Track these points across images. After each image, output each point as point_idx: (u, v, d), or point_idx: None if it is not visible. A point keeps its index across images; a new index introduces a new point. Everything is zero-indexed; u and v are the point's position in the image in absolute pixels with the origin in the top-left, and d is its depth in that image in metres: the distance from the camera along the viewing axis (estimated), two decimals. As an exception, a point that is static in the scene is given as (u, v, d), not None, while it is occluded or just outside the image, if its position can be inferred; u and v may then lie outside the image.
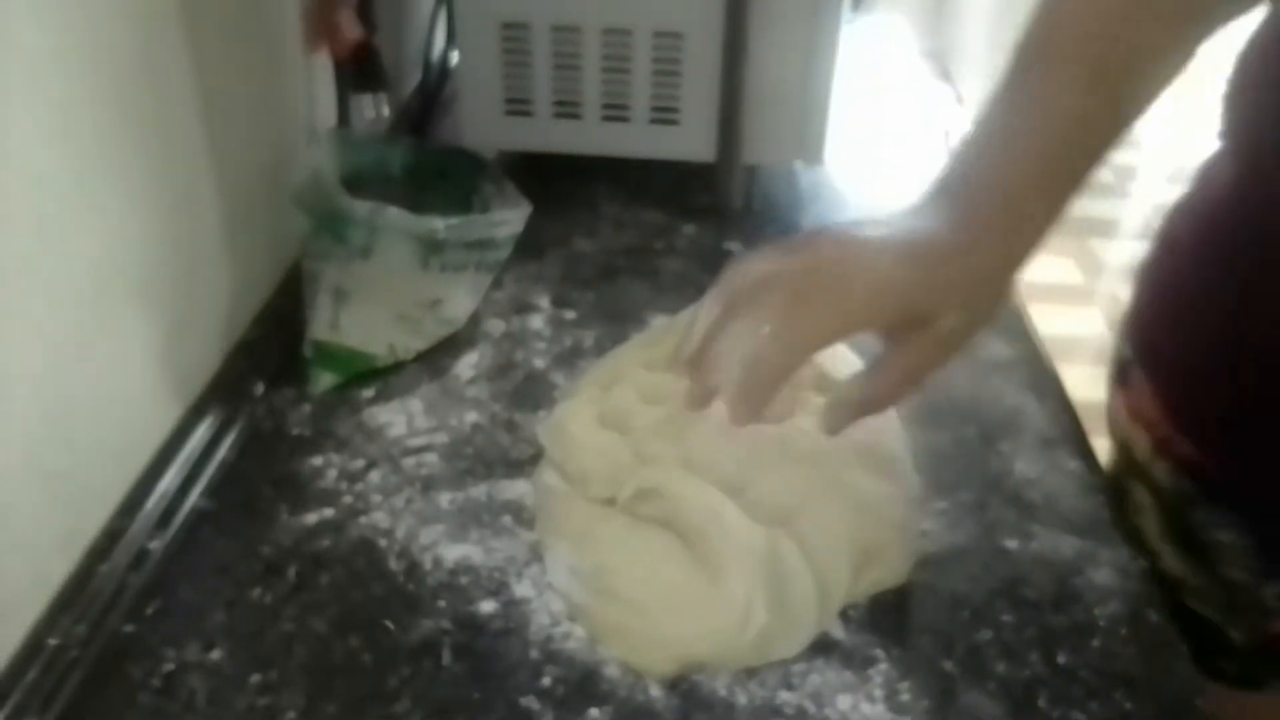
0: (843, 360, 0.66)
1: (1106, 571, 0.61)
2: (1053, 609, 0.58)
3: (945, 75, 3.78)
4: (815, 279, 0.49)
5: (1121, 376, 0.77)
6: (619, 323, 0.81)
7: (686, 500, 0.55)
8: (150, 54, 0.62)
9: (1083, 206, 0.56)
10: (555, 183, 0.99)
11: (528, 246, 0.87)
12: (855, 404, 0.53)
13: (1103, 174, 0.61)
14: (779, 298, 0.49)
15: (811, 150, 0.96)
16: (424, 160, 0.84)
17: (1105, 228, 3.08)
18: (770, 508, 0.56)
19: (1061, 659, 0.56)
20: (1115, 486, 0.75)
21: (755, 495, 0.56)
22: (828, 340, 0.50)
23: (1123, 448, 0.77)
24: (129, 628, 0.56)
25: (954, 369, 0.77)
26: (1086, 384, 0.88)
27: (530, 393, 0.74)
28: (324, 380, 0.73)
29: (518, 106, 0.97)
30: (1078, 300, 2.73)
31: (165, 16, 0.64)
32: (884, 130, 1.18)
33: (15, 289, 0.51)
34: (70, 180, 0.55)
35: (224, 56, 0.72)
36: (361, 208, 0.71)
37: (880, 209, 0.99)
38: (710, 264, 0.91)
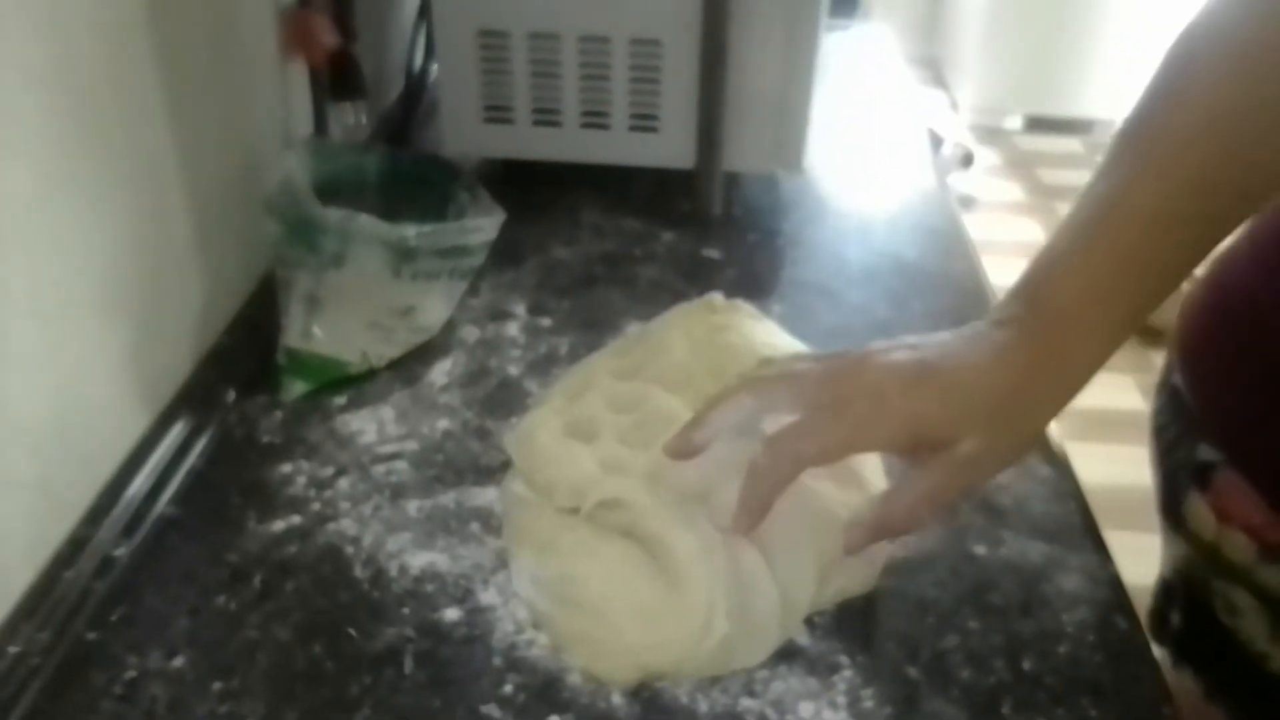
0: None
1: (1075, 577, 0.61)
2: (1020, 615, 0.58)
3: (940, 82, 3.80)
4: (828, 396, 0.51)
5: (1202, 480, 0.70)
6: (595, 330, 0.81)
7: (647, 510, 0.55)
8: (119, 65, 0.63)
9: (1054, 176, 0.57)
10: (535, 190, 1.00)
11: (505, 254, 0.87)
12: (871, 526, 0.51)
13: (1073, 145, 0.61)
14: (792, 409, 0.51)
15: (791, 158, 0.96)
16: (399, 168, 0.84)
17: (1076, 194, 3.08)
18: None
19: (1027, 665, 0.55)
20: (1193, 583, 0.74)
21: (718, 502, 0.55)
22: (830, 459, 0.52)
23: (1209, 549, 0.71)
24: (92, 635, 0.56)
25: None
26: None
27: (503, 400, 0.74)
28: (296, 388, 0.73)
29: (497, 114, 0.98)
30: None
31: (134, 27, 0.64)
32: (867, 138, 1.18)
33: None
34: (33, 193, 0.56)
35: (195, 66, 0.72)
36: (333, 215, 0.71)
37: (859, 216, 1.00)
38: (688, 271, 0.91)
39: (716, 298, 0.70)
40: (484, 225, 0.79)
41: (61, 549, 0.59)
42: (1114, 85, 3.28)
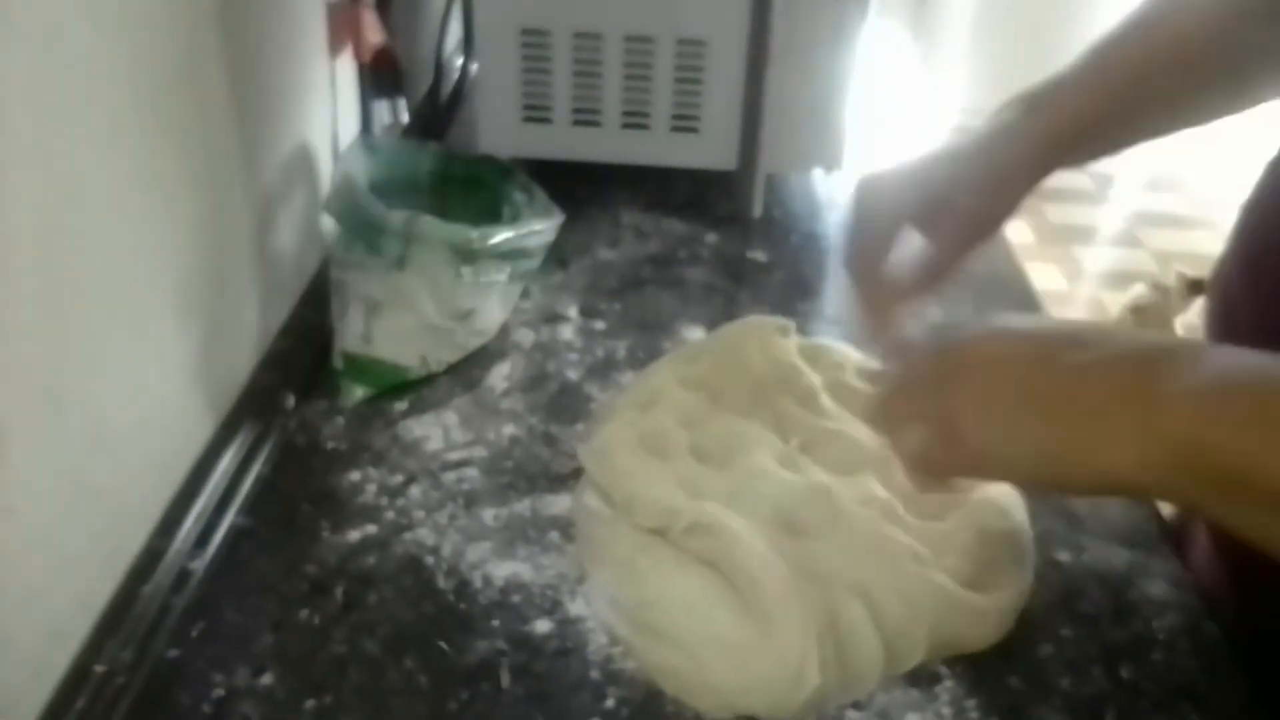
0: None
1: (1160, 584, 0.61)
2: (1111, 622, 0.58)
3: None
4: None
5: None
6: (650, 333, 0.81)
7: (742, 544, 0.53)
8: (193, 60, 0.61)
9: (1063, 213, 0.60)
10: (573, 191, 0.98)
11: (552, 256, 0.86)
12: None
13: (1082, 181, 0.62)
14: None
15: (832, 156, 0.96)
16: (451, 168, 0.83)
17: (1085, 234, 3.11)
18: (831, 564, 0.54)
19: (1124, 673, 0.55)
20: None
21: (816, 547, 0.54)
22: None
23: None
24: (174, 652, 0.54)
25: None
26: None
27: (566, 405, 0.73)
28: (356, 393, 0.72)
29: (536, 113, 0.96)
30: (1060, 304, 2.76)
31: (206, 22, 0.63)
32: (894, 135, 1.17)
33: (60, 300, 0.49)
34: (116, 191, 0.54)
35: (253, 62, 0.70)
36: (396, 217, 0.70)
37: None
38: (735, 274, 0.90)
39: (789, 324, 0.69)
40: (543, 227, 0.78)
41: (138, 561, 0.57)
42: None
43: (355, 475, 0.66)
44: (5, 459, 0.45)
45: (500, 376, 0.76)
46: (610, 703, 0.52)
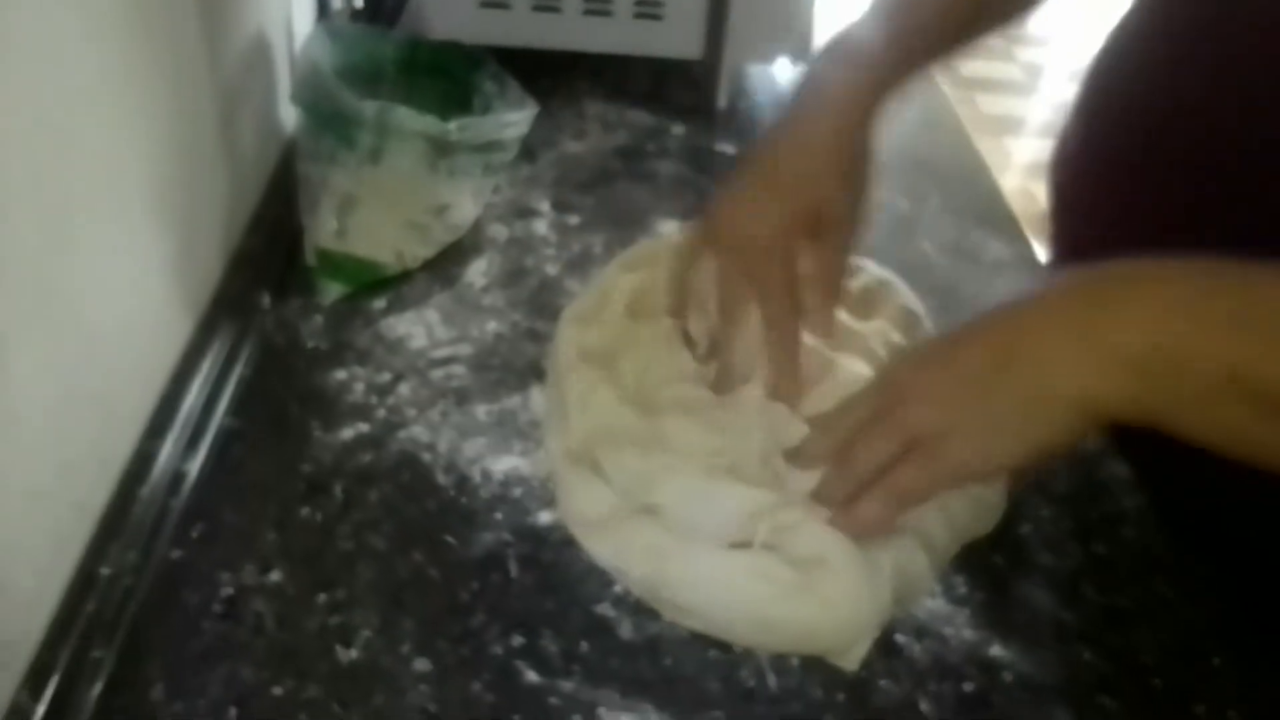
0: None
1: (1127, 464, 0.64)
2: (1085, 500, 0.61)
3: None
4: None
5: None
6: (625, 228, 0.80)
7: (807, 527, 0.50)
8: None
9: (993, 104, 0.62)
10: (534, 80, 0.95)
11: (519, 150, 0.84)
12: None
13: (1012, 72, 0.65)
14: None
15: (799, 45, 0.95)
16: (418, 56, 0.80)
17: (1015, 125, 3.15)
18: None
19: (1098, 548, 0.59)
20: None
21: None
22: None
23: None
24: (177, 554, 0.54)
25: (960, 271, 0.79)
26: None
27: (548, 302, 0.72)
28: (333, 290, 0.70)
29: (494, -2, 0.93)
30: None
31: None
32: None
33: (47, 201, 0.47)
34: (95, 86, 0.51)
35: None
36: (369, 108, 0.67)
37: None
38: (706, 167, 0.90)
39: None
40: (518, 119, 0.76)
41: (131, 465, 0.56)
42: None
43: (341, 374, 0.65)
44: (6, 367, 0.44)
45: (478, 273, 0.75)
46: (619, 588, 0.54)
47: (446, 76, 0.80)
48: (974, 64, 3.41)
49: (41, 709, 0.45)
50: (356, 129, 0.68)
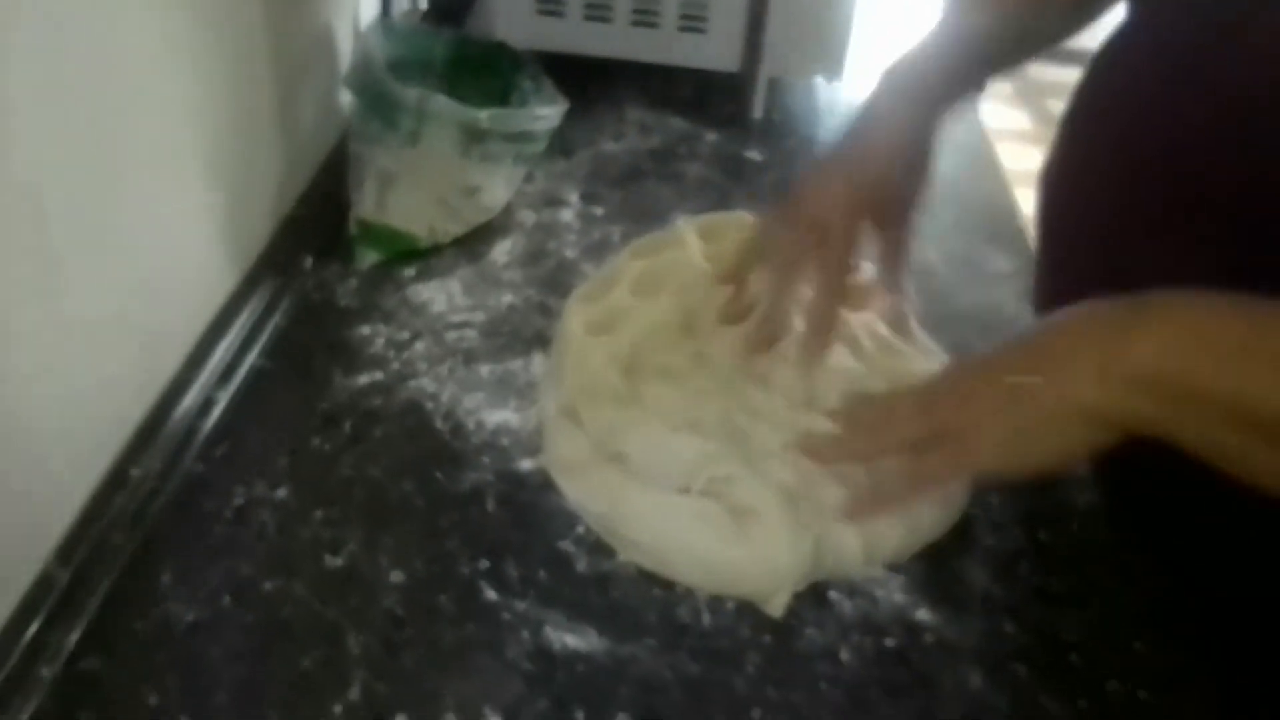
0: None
1: (1087, 464, 0.67)
2: (1037, 492, 0.64)
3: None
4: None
5: None
6: (645, 221, 0.86)
7: (746, 480, 0.56)
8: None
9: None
10: (582, 85, 1.02)
11: (557, 145, 0.91)
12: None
13: None
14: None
15: (833, 65, 1.00)
16: (465, 52, 0.88)
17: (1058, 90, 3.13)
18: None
19: (1041, 535, 0.62)
20: None
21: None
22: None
23: None
24: (200, 467, 0.61)
25: (961, 280, 0.83)
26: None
27: (562, 280, 0.79)
28: (369, 257, 0.78)
29: (550, 6, 1.00)
30: (1023, 141, 2.87)
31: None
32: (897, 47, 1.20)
33: (106, 145, 0.55)
34: (159, 52, 0.59)
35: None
36: (411, 94, 0.75)
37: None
38: (732, 171, 0.95)
39: (745, 216, 0.75)
40: (549, 114, 0.82)
41: (168, 388, 0.64)
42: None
43: (366, 330, 0.72)
44: (62, 284, 0.52)
45: (503, 251, 0.81)
46: (581, 529, 0.59)
47: (490, 73, 0.87)
48: (1062, 102, 3.38)
49: (67, 577, 0.53)
50: (398, 113, 0.76)
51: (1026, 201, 0.91)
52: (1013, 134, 3.21)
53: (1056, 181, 0.74)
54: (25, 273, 0.49)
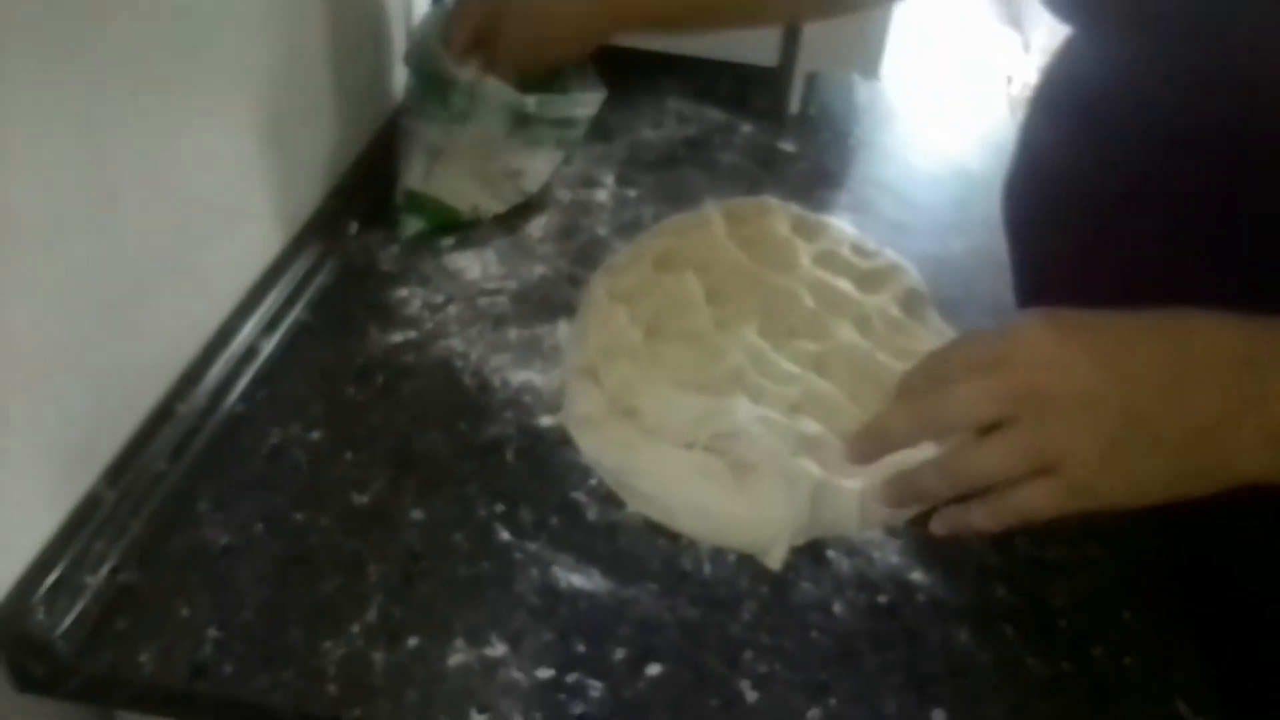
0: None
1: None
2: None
3: (1014, 21, 3.76)
4: None
5: None
6: (676, 204, 0.89)
7: (751, 443, 0.59)
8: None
9: None
10: (625, 76, 1.06)
11: (597, 129, 0.94)
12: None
13: None
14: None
15: (869, 62, 1.02)
16: (512, 39, 0.91)
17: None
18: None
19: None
20: None
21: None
22: None
23: None
24: (241, 408, 0.65)
25: (983, 271, 0.84)
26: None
27: (593, 255, 0.82)
28: (413, 225, 0.82)
29: (598, 0, 1.04)
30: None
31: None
32: (943, 57, 1.23)
33: (165, 98, 0.59)
34: (224, 12, 0.64)
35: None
36: (465, 75, 0.79)
37: (928, 125, 1.06)
38: (764, 161, 0.98)
39: (771, 201, 0.77)
40: (590, 100, 0.86)
41: (216, 334, 0.68)
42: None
43: (403, 292, 0.76)
44: (119, 219, 0.56)
45: (538, 226, 0.85)
46: (594, 482, 0.62)
47: (535, 58, 0.90)
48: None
49: (113, 497, 0.57)
50: (452, 92, 0.79)
51: None
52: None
53: (1021, 190, 0.71)
54: (82, 204, 0.53)
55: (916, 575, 0.59)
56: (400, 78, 0.93)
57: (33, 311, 0.51)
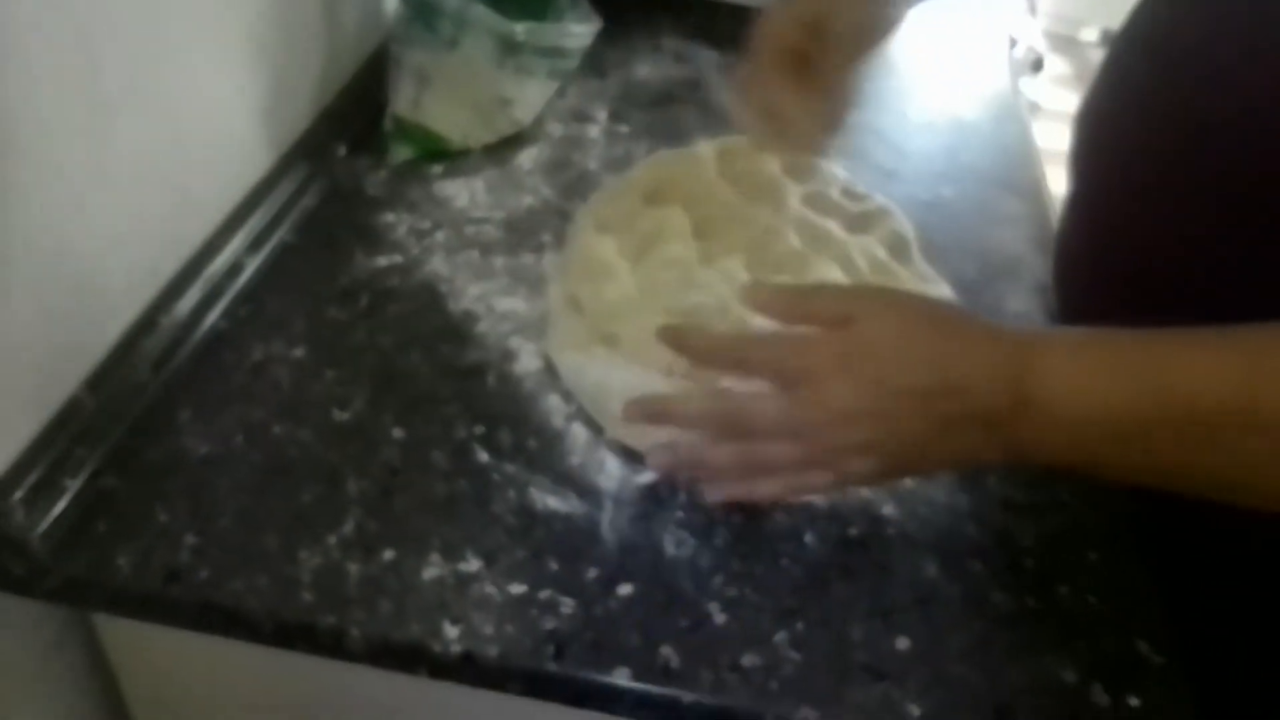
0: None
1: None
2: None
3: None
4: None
5: None
6: (668, 141, 0.88)
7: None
8: None
9: None
10: (622, 13, 1.05)
11: (591, 65, 0.94)
12: None
13: None
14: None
15: (868, 9, 1.01)
16: (506, -34, 0.90)
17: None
18: None
19: (1015, 452, 0.64)
20: None
21: None
22: None
23: None
24: (224, 324, 0.66)
25: (970, 218, 0.85)
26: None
27: (582, 188, 0.82)
28: (401, 153, 0.81)
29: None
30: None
31: None
32: (946, 13, 1.21)
33: (160, 16, 0.59)
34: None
35: None
36: (452, 2, 0.78)
37: (924, 76, 1.05)
38: (759, 102, 0.97)
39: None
40: (582, 31, 0.85)
41: (200, 249, 0.68)
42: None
43: (390, 217, 0.76)
44: (112, 133, 0.56)
45: (528, 158, 0.85)
46: (573, 407, 0.63)
47: (529, -12, 0.90)
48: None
49: (94, 404, 0.57)
50: (439, 17, 0.79)
51: (1058, 180, 0.92)
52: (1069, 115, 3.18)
53: (1093, 122, 0.74)
54: (77, 111, 0.53)
55: (888, 510, 0.60)
56: (392, 2, 0.92)
57: (20, 216, 0.51)
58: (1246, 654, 0.59)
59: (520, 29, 0.80)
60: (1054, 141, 1.02)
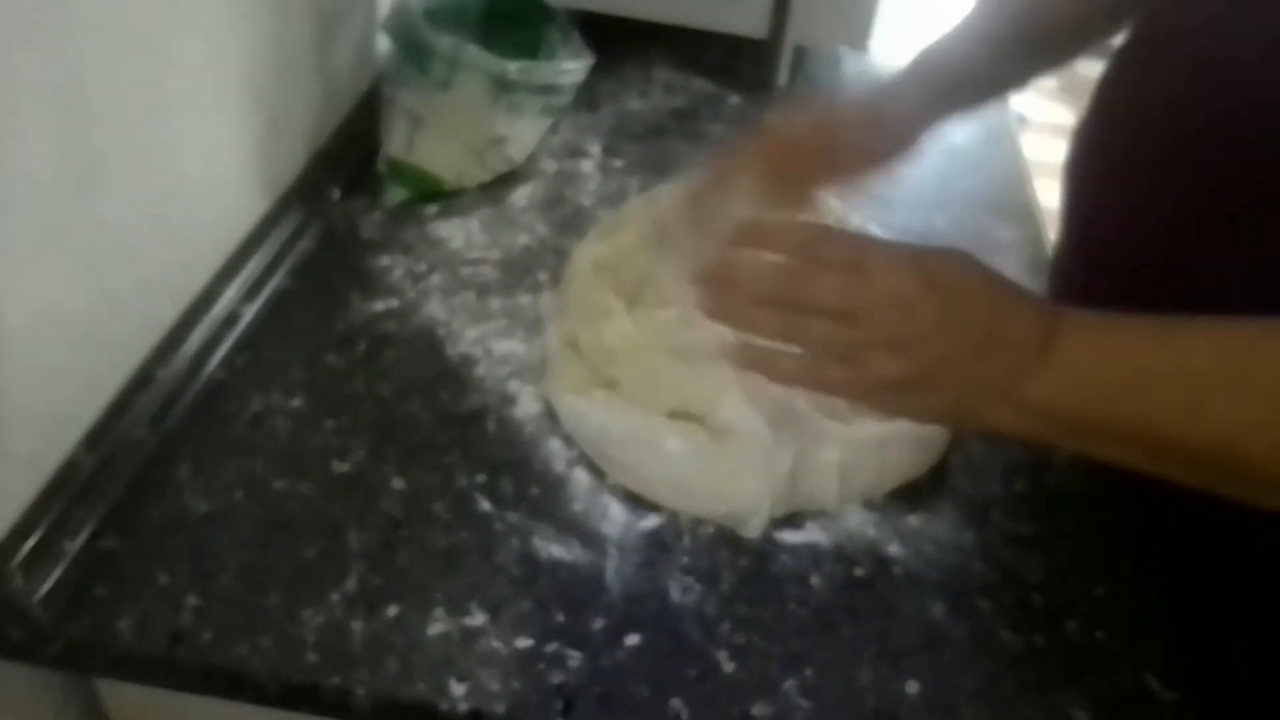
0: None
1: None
2: (1018, 443, 0.67)
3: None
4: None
5: None
6: (662, 176, 0.89)
7: (733, 406, 0.59)
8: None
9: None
10: (613, 45, 1.05)
11: (583, 98, 0.94)
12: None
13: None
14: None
15: (858, 35, 1.02)
16: (498, 5, 0.90)
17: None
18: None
19: (1017, 485, 0.64)
20: None
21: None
22: None
23: None
24: (222, 374, 0.65)
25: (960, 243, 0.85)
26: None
27: (577, 225, 0.82)
28: (396, 194, 0.81)
29: (585, -34, 1.03)
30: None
31: None
32: (932, 32, 1.22)
33: (152, 67, 0.59)
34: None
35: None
36: (444, 42, 0.78)
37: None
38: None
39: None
40: (575, 68, 0.85)
41: (198, 299, 0.67)
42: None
43: (386, 260, 0.76)
44: (101, 182, 0.56)
45: (522, 196, 0.85)
46: (575, 452, 0.63)
47: (522, 26, 0.90)
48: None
49: (93, 463, 0.57)
50: (431, 59, 0.79)
51: (1046, 193, 0.92)
52: (1055, 128, 3.19)
53: (1087, 140, 0.74)
54: (68, 166, 0.53)
55: (893, 549, 0.59)
56: (384, 43, 0.92)
57: (14, 275, 0.51)
58: (1257, 686, 0.59)
59: (513, 68, 0.81)
60: (1042, 154, 1.02)
